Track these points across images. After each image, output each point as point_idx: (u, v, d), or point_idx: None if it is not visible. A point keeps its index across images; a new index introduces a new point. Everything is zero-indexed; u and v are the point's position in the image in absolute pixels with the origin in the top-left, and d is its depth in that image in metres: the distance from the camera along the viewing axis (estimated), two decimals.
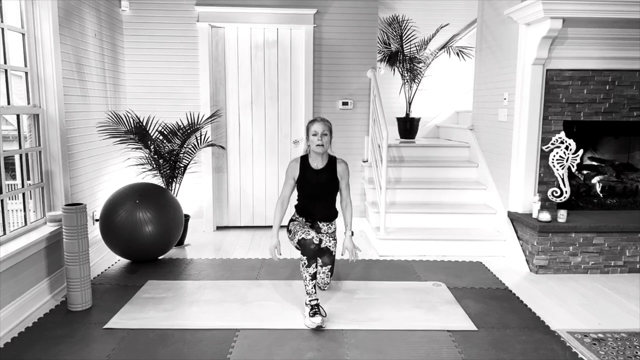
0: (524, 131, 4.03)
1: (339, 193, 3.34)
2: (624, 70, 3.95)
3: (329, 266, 3.28)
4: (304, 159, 3.26)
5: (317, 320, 2.81)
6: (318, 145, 3.12)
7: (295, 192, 3.33)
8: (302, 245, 2.99)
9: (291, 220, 3.32)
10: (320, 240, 3.10)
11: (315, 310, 2.86)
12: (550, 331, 2.84)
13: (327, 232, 3.30)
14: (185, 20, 4.77)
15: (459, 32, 6.42)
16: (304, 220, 3.30)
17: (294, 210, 3.38)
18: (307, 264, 2.96)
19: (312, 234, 3.00)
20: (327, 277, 3.32)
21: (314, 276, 2.97)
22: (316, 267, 3.00)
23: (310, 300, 2.92)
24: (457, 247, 4.26)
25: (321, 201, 3.28)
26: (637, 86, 3.99)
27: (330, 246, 3.20)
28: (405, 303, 3.20)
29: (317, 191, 3.25)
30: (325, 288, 3.37)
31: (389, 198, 4.69)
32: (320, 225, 3.32)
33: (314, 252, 2.97)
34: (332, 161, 3.26)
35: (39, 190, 3.42)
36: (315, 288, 2.96)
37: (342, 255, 3.25)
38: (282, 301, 3.21)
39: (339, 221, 3.49)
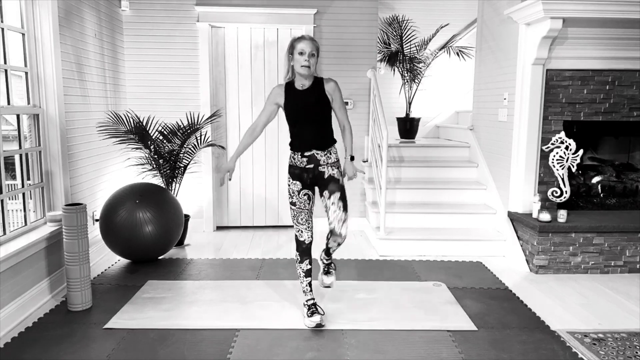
0: (524, 131, 4.03)
1: (334, 117, 2.95)
2: (624, 70, 3.95)
3: (339, 193, 2.81)
4: (288, 84, 2.89)
5: (316, 319, 2.81)
6: (303, 66, 2.75)
7: (286, 131, 2.96)
8: (296, 242, 2.97)
9: (289, 166, 2.97)
10: (315, 178, 2.88)
11: (313, 309, 2.86)
12: (550, 331, 2.84)
13: (327, 162, 2.88)
14: (185, 20, 4.77)
15: (459, 32, 6.42)
16: (300, 155, 2.89)
17: (290, 152, 3.02)
18: (299, 259, 2.95)
19: (305, 235, 2.92)
20: (340, 209, 2.78)
21: (307, 273, 2.94)
22: (309, 264, 2.95)
23: (307, 300, 2.92)
24: (457, 247, 4.25)
25: (312, 126, 2.87)
26: (637, 86, 3.98)
27: (333, 174, 2.87)
28: (405, 303, 3.20)
29: (306, 114, 2.85)
30: (343, 229, 2.78)
31: (389, 198, 4.69)
32: (318, 157, 2.87)
33: (306, 249, 2.94)
34: (318, 81, 2.88)
35: (39, 190, 3.42)
36: (310, 286, 2.95)
37: (342, 180, 2.90)
38: (282, 301, 3.21)
39: (339, 147, 3.02)
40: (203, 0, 4.75)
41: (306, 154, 2.89)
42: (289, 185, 2.94)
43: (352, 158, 2.98)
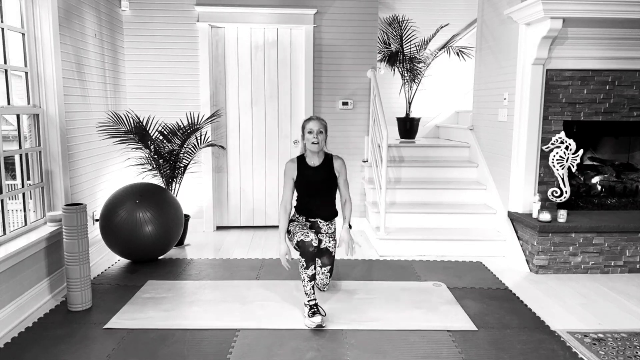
0: (524, 131, 4.03)
1: (338, 191, 3.35)
2: (624, 70, 3.95)
3: (329, 267, 3.25)
4: (301, 159, 3.27)
5: (317, 319, 2.81)
6: (313, 143, 3.14)
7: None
8: (300, 247, 2.99)
9: (291, 220, 3.30)
10: (320, 241, 3.10)
11: (315, 310, 2.86)
12: (550, 331, 2.84)
13: (327, 232, 3.28)
14: (185, 20, 4.77)
15: (459, 32, 6.42)
16: (303, 219, 3.30)
17: (293, 210, 3.37)
18: (305, 265, 2.96)
19: (311, 235, 2.97)
20: (327, 277, 3.30)
21: (312, 277, 2.96)
22: (315, 268, 2.99)
23: (309, 301, 2.92)
24: (457, 247, 4.26)
25: (320, 199, 3.28)
26: (637, 86, 3.99)
27: (329, 247, 3.17)
28: (405, 303, 3.20)
29: (315, 189, 3.25)
30: (325, 289, 3.36)
31: (389, 198, 4.69)
32: (320, 224, 3.30)
33: (313, 254, 2.97)
34: (328, 158, 3.28)
35: (39, 190, 3.42)
36: (313, 289, 2.96)
37: (338, 246, 3.22)
38: (282, 301, 3.21)
39: (339, 220, 3.46)
40: (203, 0, 4.75)
41: (310, 219, 3.31)
42: (294, 226, 3.19)
43: (350, 227, 3.32)
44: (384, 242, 4.25)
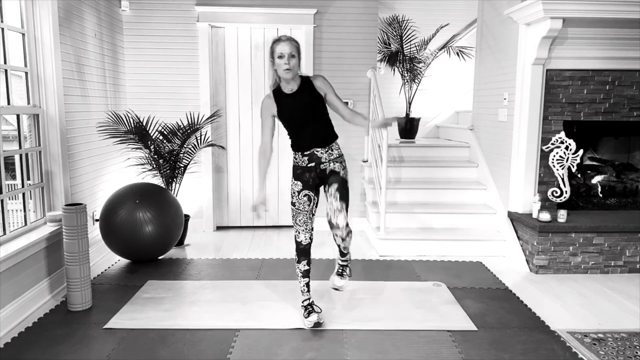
0: (524, 131, 4.03)
1: (332, 112, 2.91)
2: (624, 70, 3.95)
3: (336, 184, 2.77)
4: (276, 91, 2.82)
5: (313, 318, 2.81)
6: (285, 69, 2.67)
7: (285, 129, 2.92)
8: (295, 241, 2.94)
9: (293, 167, 2.93)
10: (318, 175, 2.86)
11: (310, 309, 2.85)
12: (550, 331, 2.84)
13: (329, 159, 2.85)
14: (185, 20, 4.77)
15: (459, 32, 6.41)
16: (301, 155, 2.86)
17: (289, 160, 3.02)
18: (297, 259, 2.92)
19: (302, 236, 2.87)
20: (336, 199, 2.72)
21: (305, 273, 2.92)
22: (308, 264, 2.90)
23: (303, 301, 2.91)
24: (457, 247, 4.25)
25: (309, 126, 2.82)
26: (637, 86, 3.98)
27: (335, 168, 2.84)
28: (405, 303, 3.20)
29: (301, 117, 2.80)
30: (337, 220, 2.71)
31: (389, 198, 4.69)
32: (318, 154, 2.83)
33: (304, 251, 2.90)
34: (305, 80, 2.81)
35: (39, 190, 3.42)
36: (308, 286, 2.92)
37: (374, 126, 2.85)
38: (282, 301, 3.21)
39: (343, 146, 3.07)
40: (203, 0, 4.75)
41: (306, 153, 2.85)
42: (291, 186, 2.93)
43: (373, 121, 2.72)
44: (384, 242, 4.25)
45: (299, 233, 2.90)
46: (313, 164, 2.85)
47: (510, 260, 4.11)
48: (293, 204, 2.90)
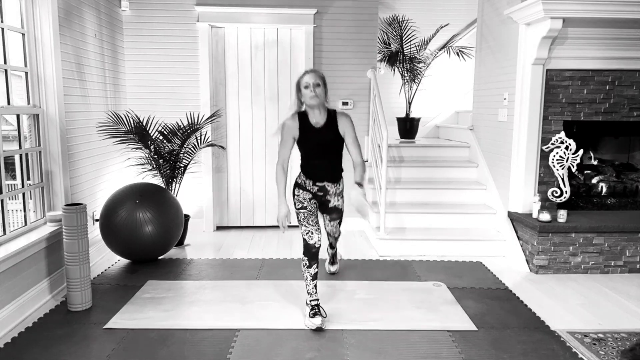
0: (524, 131, 4.03)
1: (345, 150, 3.03)
2: (624, 70, 3.95)
3: (338, 220, 3.26)
4: (302, 117, 2.92)
5: (317, 321, 2.80)
6: (312, 97, 2.80)
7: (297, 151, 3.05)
8: (304, 246, 2.96)
9: (296, 184, 3.07)
10: (321, 202, 3.09)
11: (316, 310, 2.85)
12: (550, 331, 2.84)
13: (335, 193, 3.09)
14: (185, 20, 4.77)
15: (459, 32, 6.41)
16: (311, 183, 3.01)
17: (298, 171, 3.12)
18: (307, 264, 2.95)
19: (315, 237, 2.93)
20: (336, 227, 3.30)
21: (314, 276, 2.95)
22: (317, 267, 2.97)
23: (311, 300, 2.91)
24: (457, 247, 4.25)
25: (326, 161, 2.99)
26: (637, 86, 3.98)
27: (338, 204, 3.14)
28: (405, 303, 3.20)
29: (321, 151, 2.96)
30: (337, 236, 3.40)
31: (389, 198, 4.69)
32: (328, 187, 3.04)
33: (315, 254, 2.95)
34: (331, 115, 2.93)
35: (39, 190, 3.42)
36: (316, 288, 2.95)
37: (356, 211, 2.95)
38: (282, 301, 3.21)
39: (347, 179, 3.20)
40: (203, 0, 4.75)
41: (318, 184, 3.04)
42: (297, 196, 3.03)
43: (360, 185, 2.94)
44: (384, 242, 4.25)
45: (312, 233, 2.95)
46: (321, 194, 3.07)
47: (510, 260, 4.11)
48: (303, 207, 3.01)
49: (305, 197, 3.03)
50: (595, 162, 4.42)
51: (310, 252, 2.93)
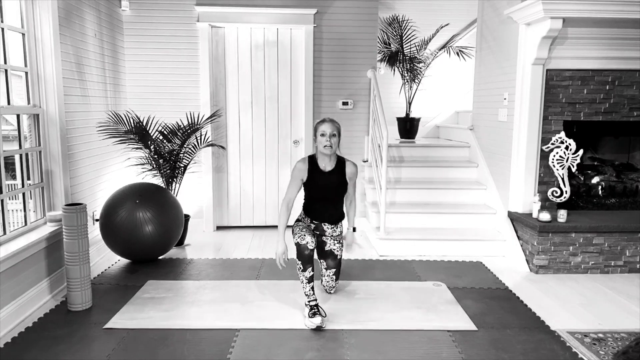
0: (524, 131, 4.03)
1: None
2: (624, 70, 3.95)
3: (334, 269, 3.25)
4: (312, 160, 3.15)
5: (317, 320, 2.80)
6: (326, 146, 3.02)
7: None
8: (297, 249, 2.99)
9: (297, 220, 3.28)
10: (324, 243, 3.19)
11: (315, 310, 2.86)
12: (550, 331, 2.84)
13: (332, 235, 3.26)
14: (185, 20, 4.77)
15: (459, 32, 6.42)
16: (309, 220, 3.25)
17: (300, 210, 3.32)
18: (302, 268, 2.97)
19: (307, 238, 2.98)
20: (333, 280, 3.29)
21: (310, 279, 2.96)
22: (312, 270, 2.99)
23: (309, 301, 2.92)
24: (457, 247, 4.25)
25: (329, 203, 3.21)
26: (637, 86, 3.98)
27: (334, 249, 3.21)
28: (405, 303, 3.20)
29: (326, 194, 3.17)
30: (332, 292, 3.33)
31: (389, 198, 4.69)
32: (325, 227, 3.25)
33: (309, 257, 2.97)
34: (340, 163, 3.17)
35: (39, 190, 3.42)
36: (313, 289, 2.96)
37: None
38: (282, 301, 3.21)
39: (345, 223, 3.43)
40: (203, 0, 4.75)
41: (315, 222, 3.25)
42: (295, 230, 3.12)
43: (354, 229, 3.35)
44: (384, 242, 4.25)
45: (304, 236, 3.00)
46: (317, 232, 3.26)
47: (510, 260, 4.11)
48: (297, 227, 3.16)
49: (304, 225, 3.21)
50: (595, 163, 4.41)
51: (303, 254, 2.96)
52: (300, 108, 5.02)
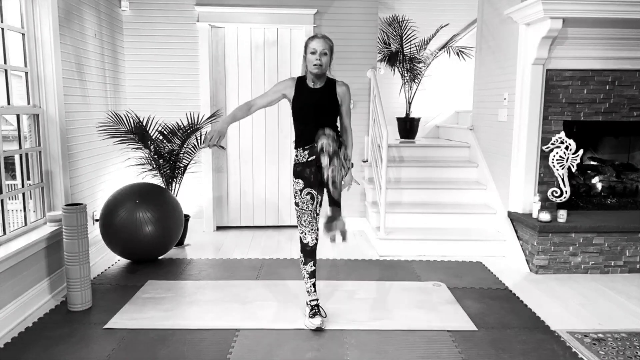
0: (524, 131, 4.03)
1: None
2: (624, 70, 3.95)
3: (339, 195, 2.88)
4: (300, 80, 2.86)
5: (317, 321, 2.80)
6: (315, 65, 2.73)
7: (291, 127, 2.83)
8: (301, 243, 2.96)
9: (294, 165, 2.90)
10: (320, 176, 2.80)
11: (315, 311, 2.85)
12: (550, 331, 2.84)
13: None
14: (185, 20, 4.77)
15: (459, 32, 6.41)
16: (307, 155, 2.82)
17: (294, 149, 2.96)
18: (304, 261, 2.94)
19: (309, 237, 2.90)
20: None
21: (312, 274, 2.94)
22: (314, 265, 2.92)
23: (310, 301, 2.91)
24: (457, 247, 4.25)
25: (318, 125, 2.78)
26: (637, 86, 3.98)
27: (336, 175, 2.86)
28: (405, 303, 3.20)
29: (314, 113, 2.81)
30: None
31: (389, 198, 4.68)
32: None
33: (311, 252, 2.93)
34: (331, 82, 2.88)
35: (39, 190, 3.42)
36: (314, 287, 2.95)
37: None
38: (282, 301, 3.21)
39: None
40: (203, 0, 4.75)
41: (307, 146, 2.83)
42: (293, 186, 2.92)
43: (351, 165, 2.94)
44: (384, 242, 4.25)
45: (305, 234, 2.91)
46: (313, 158, 2.82)
47: (510, 260, 4.11)
48: (296, 204, 2.90)
49: (297, 187, 2.87)
50: (595, 163, 4.41)
51: (305, 249, 2.93)
52: None
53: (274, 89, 2.87)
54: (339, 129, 2.96)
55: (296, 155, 2.89)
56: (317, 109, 2.83)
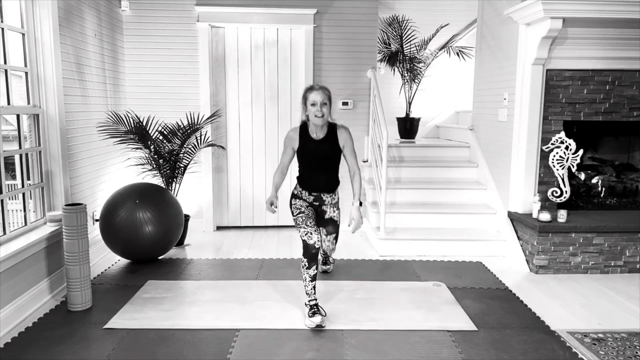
0: (524, 131, 4.03)
1: (343, 162, 3.16)
2: (624, 70, 3.95)
3: (334, 234, 3.30)
4: (303, 129, 3.05)
5: (317, 319, 2.80)
6: (317, 116, 2.90)
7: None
8: (304, 247, 2.95)
9: (293, 195, 3.20)
10: (317, 213, 3.17)
11: (315, 310, 2.86)
12: (550, 331, 2.84)
13: (331, 203, 3.21)
14: (185, 20, 4.77)
15: (459, 32, 6.41)
16: (307, 193, 3.15)
17: (295, 182, 3.24)
18: (307, 265, 2.94)
19: (315, 238, 2.91)
20: (333, 244, 3.34)
21: (313, 277, 2.95)
22: (316, 269, 2.97)
23: (309, 301, 2.92)
24: (457, 247, 4.25)
25: (323, 173, 3.11)
26: (637, 86, 3.98)
27: (334, 216, 3.22)
28: (405, 303, 3.20)
29: (319, 163, 3.07)
30: (332, 255, 3.46)
31: (389, 198, 4.69)
32: (324, 197, 3.18)
33: (314, 255, 2.94)
34: (332, 129, 3.05)
35: (39, 190, 3.42)
36: (314, 289, 2.96)
37: (348, 226, 3.12)
38: (282, 301, 3.21)
39: (341, 191, 3.35)
40: (203, 0, 4.75)
41: (314, 194, 3.16)
42: (293, 205, 3.12)
43: (360, 204, 3.10)
44: (384, 242, 4.25)
45: (311, 234, 2.93)
46: (317, 203, 3.18)
47: (510, 260, 4.11)
48: (299, 213, 3.07)
49: (302, 204, 3.13)
50: (595, 163, 4.41)
51: (310, 252, 2.92)
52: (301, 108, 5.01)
53: (286, 146, 3.10)
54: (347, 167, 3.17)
55: (300, 192, 3.18)
56: (320, 159, 3.07)
